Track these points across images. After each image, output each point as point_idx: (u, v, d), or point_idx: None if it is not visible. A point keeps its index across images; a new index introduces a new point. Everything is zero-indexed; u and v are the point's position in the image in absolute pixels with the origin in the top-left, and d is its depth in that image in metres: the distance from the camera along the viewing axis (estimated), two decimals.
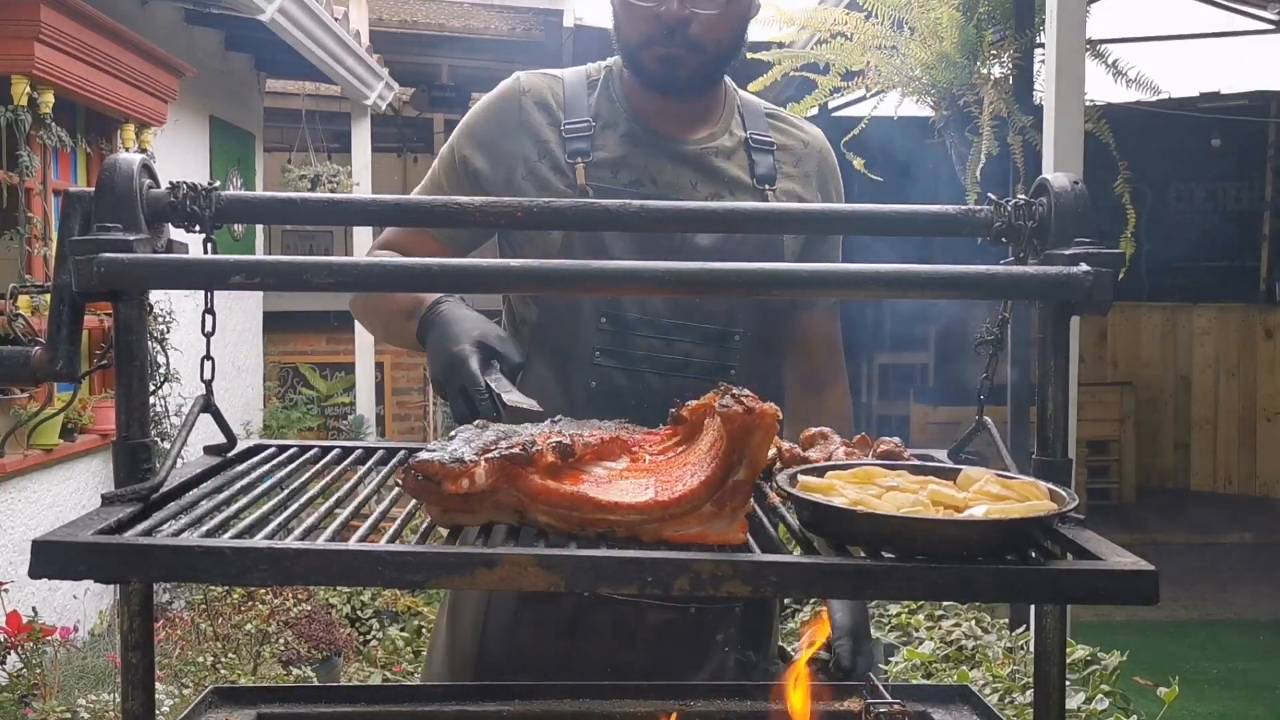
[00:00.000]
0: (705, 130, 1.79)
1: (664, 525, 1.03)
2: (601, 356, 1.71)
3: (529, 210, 1.22)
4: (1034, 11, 3.97)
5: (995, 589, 0.98)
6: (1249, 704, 5.00)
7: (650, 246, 1.63)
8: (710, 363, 1.72)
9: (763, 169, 1.78)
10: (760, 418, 1.01)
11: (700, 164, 1.76)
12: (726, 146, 1.79)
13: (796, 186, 1.81)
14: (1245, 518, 8.22)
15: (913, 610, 3.63)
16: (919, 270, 1.08)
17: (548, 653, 1.71)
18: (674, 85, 1.72)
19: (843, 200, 1.86)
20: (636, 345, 1.71)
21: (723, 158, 1.78)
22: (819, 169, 1.84)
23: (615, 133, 1.76)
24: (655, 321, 1.70)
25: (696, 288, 1.12)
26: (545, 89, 1.79)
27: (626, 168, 1.74)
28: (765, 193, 1.76)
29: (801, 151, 1.84)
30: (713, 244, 1.69)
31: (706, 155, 1.77)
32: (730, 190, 1.76)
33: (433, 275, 1.08)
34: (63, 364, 1.12)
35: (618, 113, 1.78)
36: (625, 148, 1.75)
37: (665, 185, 1.74)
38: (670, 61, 1.69)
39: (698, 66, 1.71)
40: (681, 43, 1.68)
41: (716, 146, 1.78)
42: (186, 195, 1.15)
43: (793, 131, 1.85)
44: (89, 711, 3.38)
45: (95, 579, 0.99)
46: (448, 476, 1.01)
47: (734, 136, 1.80)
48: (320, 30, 6.24)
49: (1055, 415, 1.15)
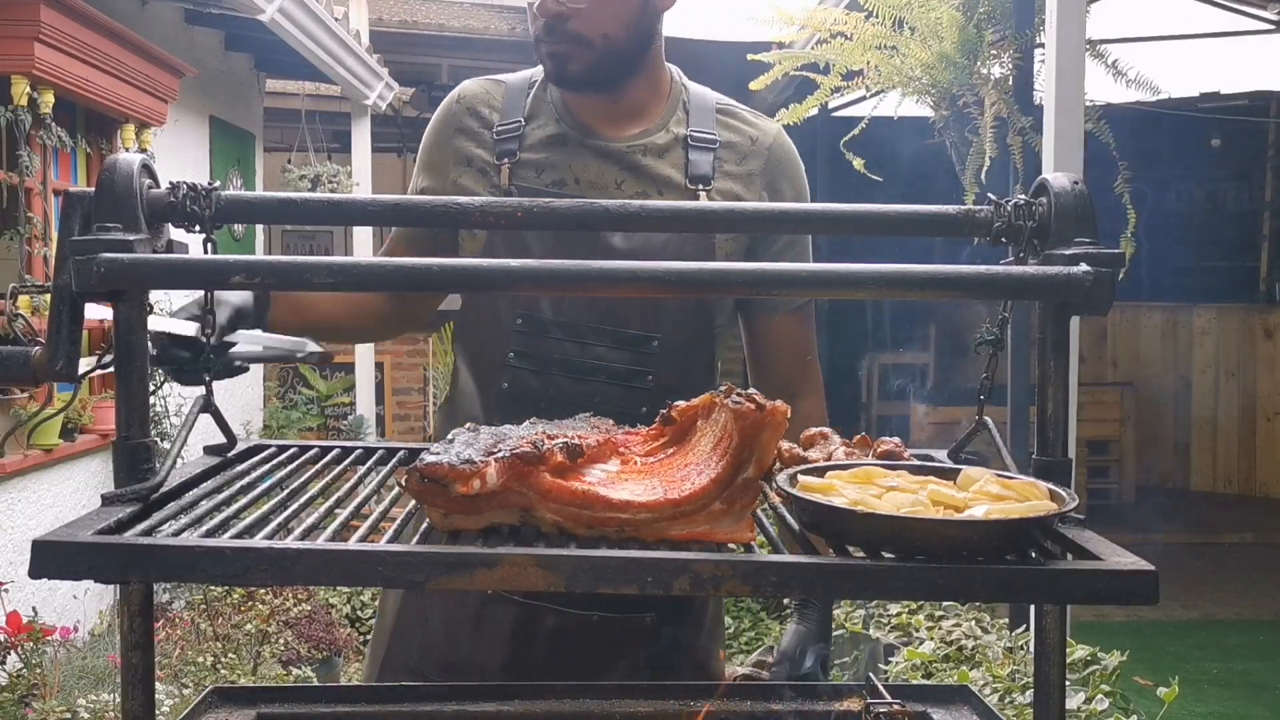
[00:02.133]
0: (638, 127, 1.75)
1: (671, 524, 1.03)
2: (515, 358, 1.69)
3: (529, 210, 1.22)
4: (1034, 11, 3.97)
5: (995, 589, 0.98)
6: (1249, 704, 5.01)
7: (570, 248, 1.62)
8: (626, 368, 1.68)
9: (699, 169, 1.72)
10: (771, 415, 1.01)
11: (626, 161, 1.72)
12: (659, 144, 1.74)
13: (736, 186, 1.74)
14: (1245, 518, 8.23)
15: (913, 610, 3.63)
16: (919, 270, 1.08)
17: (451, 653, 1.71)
18: (568, 81, 1.69)
19: (801, 197, 1.80)
20: (551, 348, 1.68)
21: (653, 155, 1.73)
22: (765, 167, 1.77)
23: (544, 132, 1.74)
24: (571, 324, 1.67)
25: (697, 287, 1.12)
26: (482, 95, 1.78)
27: (550, 168, 1.72)
28: (698, 193, 1.70)
29: (748, 149, 1.77)
30: (631, 246, 1.65)
31: (634, 153, 1.72)
32: (659, 189, 1.71)
33: (433, 275, 1.08)
34: (63, 364, 1.12)
35: (549, 112, 1.75)
36: (551, 147, 1.73)
37: (588, 184, 1.70)
38: (557, 58, 1.66)
39: (590, 62, 1.66)
40: (564, 38, 1.64)
41: (647, 144, 1.73)
42: (186, 195, 1.15)
43: (742, 128, 1.79)
44: (89, 711, 3.38)
45: (95, 579, 0.99)
46: (459, 478, 1.01)
47: (670, 134, 1.75)
48: (320, 30, 6.24)
49: (1055, 415, 1.15)
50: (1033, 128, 3.84)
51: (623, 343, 1.68)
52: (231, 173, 7.08)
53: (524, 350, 1.69)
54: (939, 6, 4.06)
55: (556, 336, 1.68)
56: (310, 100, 8.52)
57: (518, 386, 1.69)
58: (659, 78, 1.77)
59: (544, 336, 1.69)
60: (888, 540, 0.98)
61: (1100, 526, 1.10)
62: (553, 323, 1.68)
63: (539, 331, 1.69)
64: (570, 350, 1.68)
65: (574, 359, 1.68)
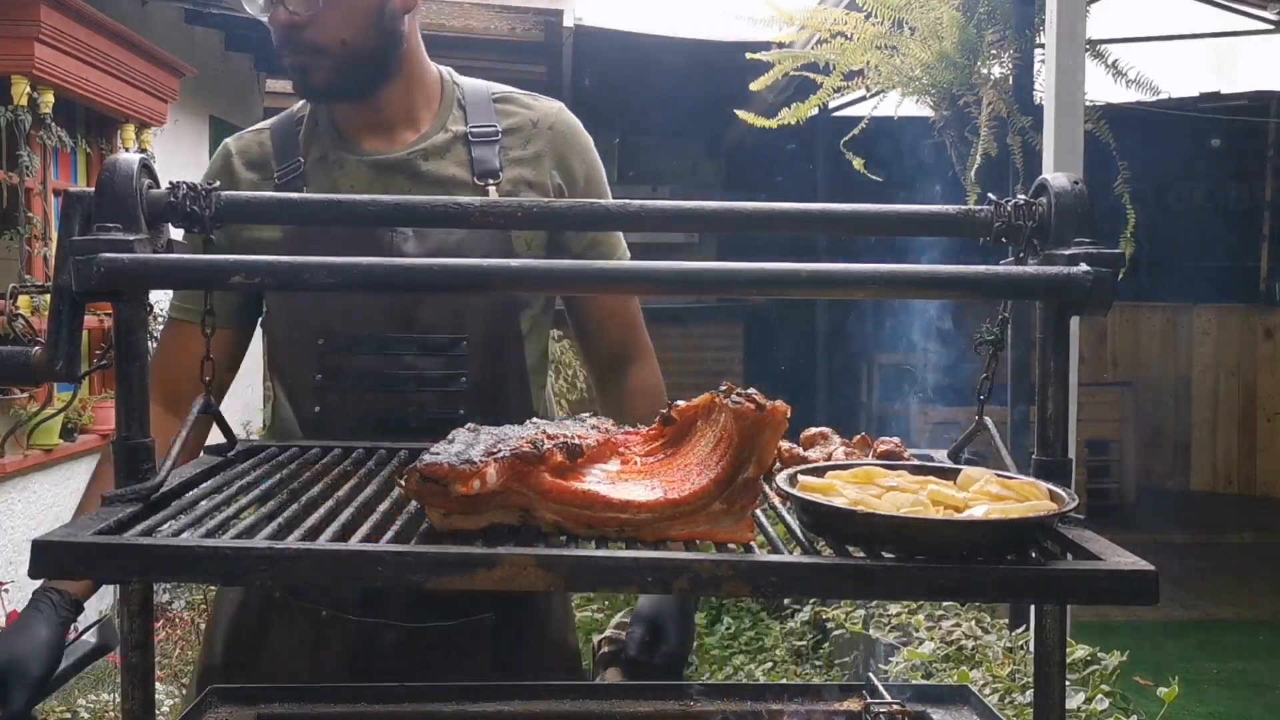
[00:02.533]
0: (414, 133, 1.72)
1: (671, 524, 1.03)
2: (322, 379, 1.65)
3: (529, 210, 1.22)
4: (1034, 11, 3.97)
5: (995, 589, 0.98)
6: (1249, 704, 5.00)
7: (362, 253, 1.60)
8: (438, 374, 1.65)
9: (485, 164, 1.69)
10: (771, 415, 1.01)
11: (409, 170, 1.69)
12: (439, 144, 1.71)
13: (526, 172, 1.72)
14: (1245, 518, 8.22)
15: (913, 610, 3.62)
16: (919, 270, 1.08)
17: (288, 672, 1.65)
18: (314, 92, 1.67)
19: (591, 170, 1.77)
20: (357, 365, 1.64)
21: (435, 159, 1.70)
22: (552, 145, 1.74)
23: (324, 164, 1.71)
24: (375, 336, 1.64)
25: (697, 287, 1.12)
26: (254, 145, 1.74)
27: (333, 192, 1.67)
28: (487, 189, 1.68)
29: (530, 132, 1.74)
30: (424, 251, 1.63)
31: (414, 160, 1.70)
32: (448, 190, 1.67)
33: (433, 275, 1.08)
34: (63, 364, 1.12)
35: (323, 139, 1.72)
36: (330, 171, 1.70)
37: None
38: (299, 70, 1.64)
39: (333, 70, 1.63)
40: (301, 48, 1.62)
41: (426, 148, 1.71)
42: (186, 195, 1.15)
43: (522, 112, 1.76)
44: (89, 711, 3.38)
45: (95, 579, 0.99)
46: (459, 478, 1.01)
47: (449, 132, 1.72)
48: None
49: (1055, 415, 1.15)
50: (1033, 127, 3.84)
51: (430, 349, 1.65)
52: None
53: (329, 370, 1.65)
54: (939, 6, 4.06)
55: (361, 352, 1.64)
56: None
57: (329, 408, 1.65)
58: (423, 80, 1.74)
59: (348, 353, 1.64)
60: (888, 540, 0.98)
61: (1100, 526, 1.10)
62: (354, 339, 1.64)
63: (341, 349, 1.64)
64: (377, 364, 1.64)
65: (382, 372, 1.64)
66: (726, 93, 5.19)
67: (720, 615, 4.98)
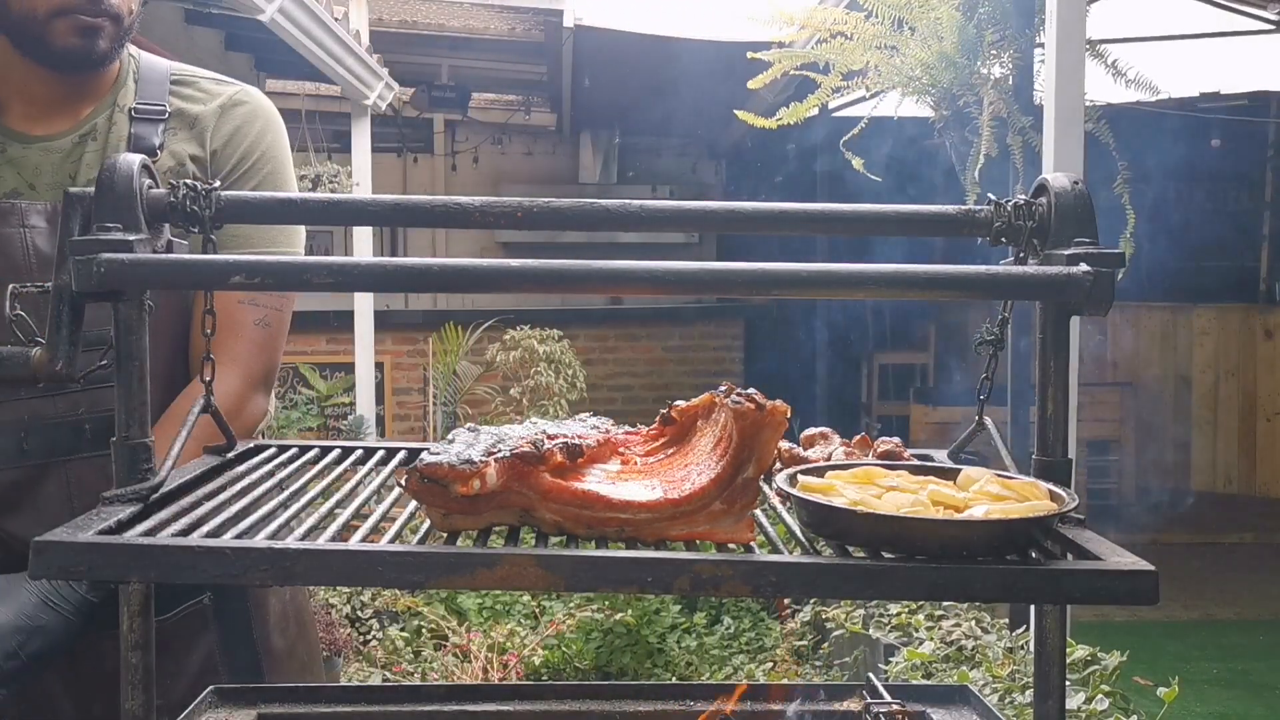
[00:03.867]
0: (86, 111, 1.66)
1: (671, 524, 1.03)
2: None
3: (529, 210, 1.22)
4: (1034, 11, 3.97)
5: (995, 589, 0.98)
6: (1249, 704, 5.01)
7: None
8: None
9: (142, 141, 1.64)
10: (771, 415, 1.01)
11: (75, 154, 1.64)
12: (101, 125, 1.66)
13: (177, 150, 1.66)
14: (1245, 518, 8.23)
15: (913, 610, 3.63)
16: (919, 270, 1.08)
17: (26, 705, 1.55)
18: (92, 59, 1.60)
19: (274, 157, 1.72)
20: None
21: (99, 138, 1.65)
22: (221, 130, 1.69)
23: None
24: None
25: (697, 287, 1.12)
26: None
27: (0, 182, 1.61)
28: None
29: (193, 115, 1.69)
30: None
31: (83, 143, 1.64)
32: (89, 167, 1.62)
33: (433, 275, 1.08)
34: (62, 364, 1.12)
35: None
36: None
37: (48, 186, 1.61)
38: (91, 33, 1.57)
39: (115, 36, 1.60)
40: (102, 11, 1.56)
41: (90, 128, 1.65)
42: (186, 195, 1.15)
43: (191, 95, 1.72)
44: None
45: (95, 579, 0.99)
46: (459, 478, 1.01)
47: (119, 107, 1.68)
48: (320, 30, 6.24)
49: (1055, 415, 1.15)
50: (1033, 127, 3.84)
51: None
52: None
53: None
54: (939, 6, 4.06)
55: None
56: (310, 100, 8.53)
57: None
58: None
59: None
60: (888, 540, 0.98)
61: (1100, 526, 1.10)
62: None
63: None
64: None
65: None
66: (726, 93, 5.19)
67: (720, 615, 4.98)
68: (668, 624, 4.77)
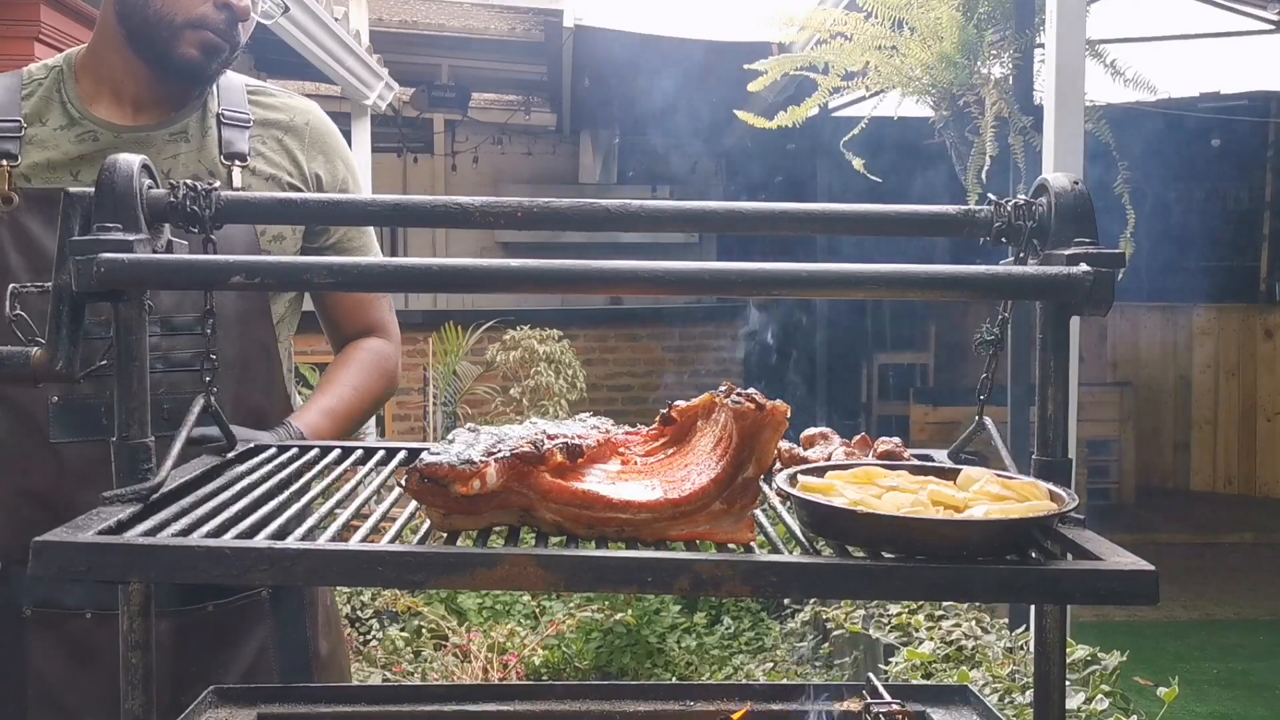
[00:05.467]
0: (175, 112, 1.74)
1: (671, 524, 1.03)
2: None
3: (529, 210, 1.22)
4: (1034, 11, 3.97)
5: (995, 589, 0.98)
6: (1249, 704, 5.00)
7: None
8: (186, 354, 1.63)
9: (232, 145, 1.73)
10: (771, 415, 1.01)
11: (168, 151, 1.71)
12: (193, 127, 1.74)
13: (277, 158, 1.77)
14: (1245, 518, 8.23)
15: (913, 610, 3.62)
16: (919, 270, 1.08)
17: (60, 678, 1.62)
18: (202, 74, 1.69)
19: (347, 167, 1.85)
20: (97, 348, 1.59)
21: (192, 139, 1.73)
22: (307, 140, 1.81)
23: (70, 133, 1.68)
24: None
25: (697, 287, 1.12)
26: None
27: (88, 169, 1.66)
28: (233, 169, 1.72)
29: (284, 124, 1.80)
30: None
31: (175, 141, 1.72)
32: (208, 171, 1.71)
33: (433, 275, 1.08)
34: (63, 364, 1.12)
35: (69, 113, 1.70)
36: (85, 146, 1.68)
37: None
38: (213, 50, 1.66)
39: (225, 62, 1.71)
40: (233, 35, 1.68)
41: (183, 128, 1.73)
42: (186, 195, 1.15)
43: (274, 104, 1.82)
44: None
45: (96, 579, 0.99)
46: (459, 478, 1.01)
47: (206, 111, 1.75)
48: (320, 30, 6.24)
49: (1055, 415, 1.15)
50: (1033, 127, 3.84)
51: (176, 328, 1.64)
52: None
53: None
54: (939, 6, 4.06)
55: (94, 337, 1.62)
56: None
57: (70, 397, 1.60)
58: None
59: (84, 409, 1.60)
60: (888, 540, 0.98)
61: (1100, 526, 1.10)
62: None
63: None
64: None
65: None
66: (726, 93, 5.19)
67: (720, 615, 4.98)
68: (668, 624, 4.77)
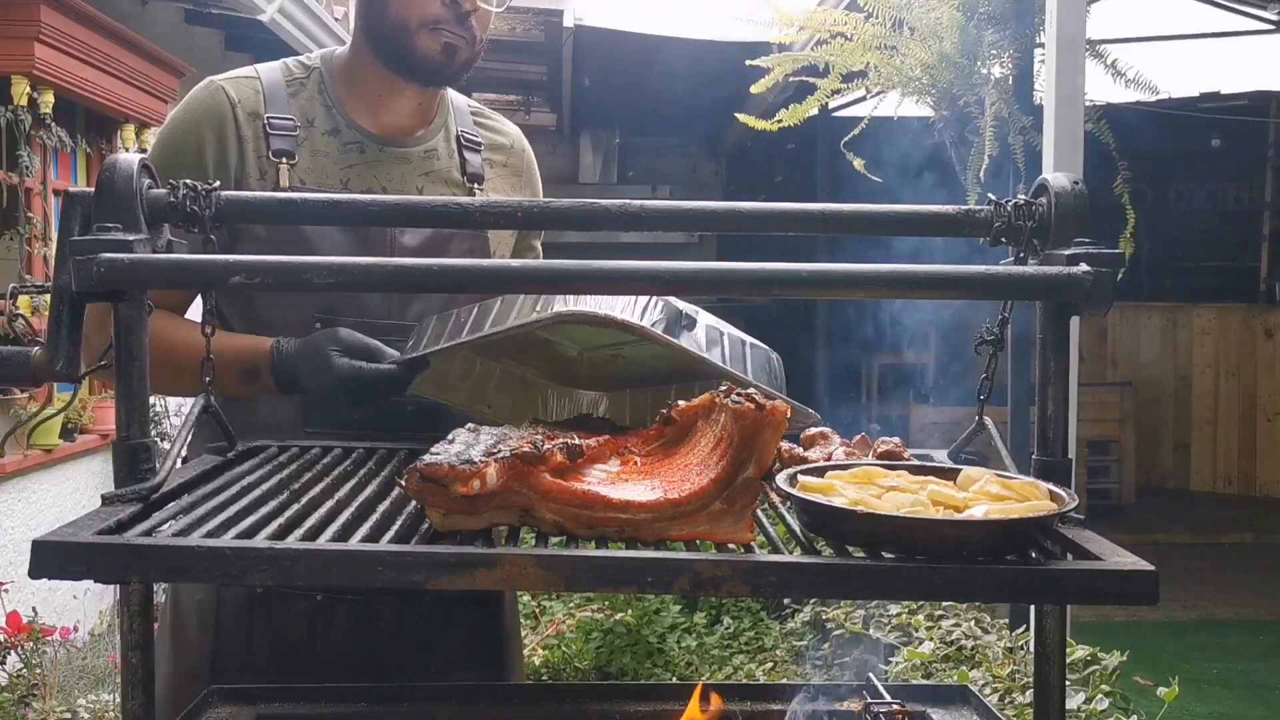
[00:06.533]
0: (422, 130, 1.78)
1: (671, 524, 1.03)
2: None
3: (529, 210, 1.22)
4: (1034, 11, 3.97)
5: (995, 589, 0.98)
6: (1249, 704, 5.00)
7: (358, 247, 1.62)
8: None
9: (472, 167, 1.80)
10: (771, 415, 1.01)
11: (423, 168, 1.76)
12: (441, 147, 1.79)
13: (504, 183, 1.83)
14: (1245, 518, 8.23)
15: (913, 610, 3.62)
16: (919, 270, 1.08)
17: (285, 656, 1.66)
18: (443, 75, 1.72)
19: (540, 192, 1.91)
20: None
21: (441, 158, 1.78)
22: (525, 165, 1.89)
23: (337, 140, 1.72)
24: (370, 322, 1.64)
25: (697, 287, 1.12)
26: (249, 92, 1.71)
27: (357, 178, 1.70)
28: (474, 190, 1.77)
29: (507, 148, 1.87)
30: (420, 243, 1.68)
31: (429, 158, 1.77)
32: (451, 190, 1.77)
33: (433, 275, 1.08)
34: (63, 364, 1.12)
35: (334, 119, 1.73)
36: (351, 155, 1.72)
37: (396, 194, 1.71)
38: (451, 49, 1.68)
39: (467, 59, 1.71)
40: (465, 31, 1.68)
41: (434, 146, 1.78)
42: (186, 195, 1.15)
43: (497, 128, 1.88)
44: (89, 711, 3.38)
45: (95, 579, 0.99)
46: (459, 478, 1.01)
47: (448, 133, 1.81)
48: (320, 30, 6.23)
49: (1055, 415, 1.15)
50: (1033, 127, 3.84)
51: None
52: None
53: None
54: (939, 6, 4.06)
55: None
56: None
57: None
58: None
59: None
60: (888, 540, 0.98)
61: (1100, 526, 1.10)
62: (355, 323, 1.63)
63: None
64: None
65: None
66: (727, 93, 5.20)
67: (720, 615, 4.98)
68: (668, 624, 4.76)
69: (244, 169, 1.67)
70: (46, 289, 1.15)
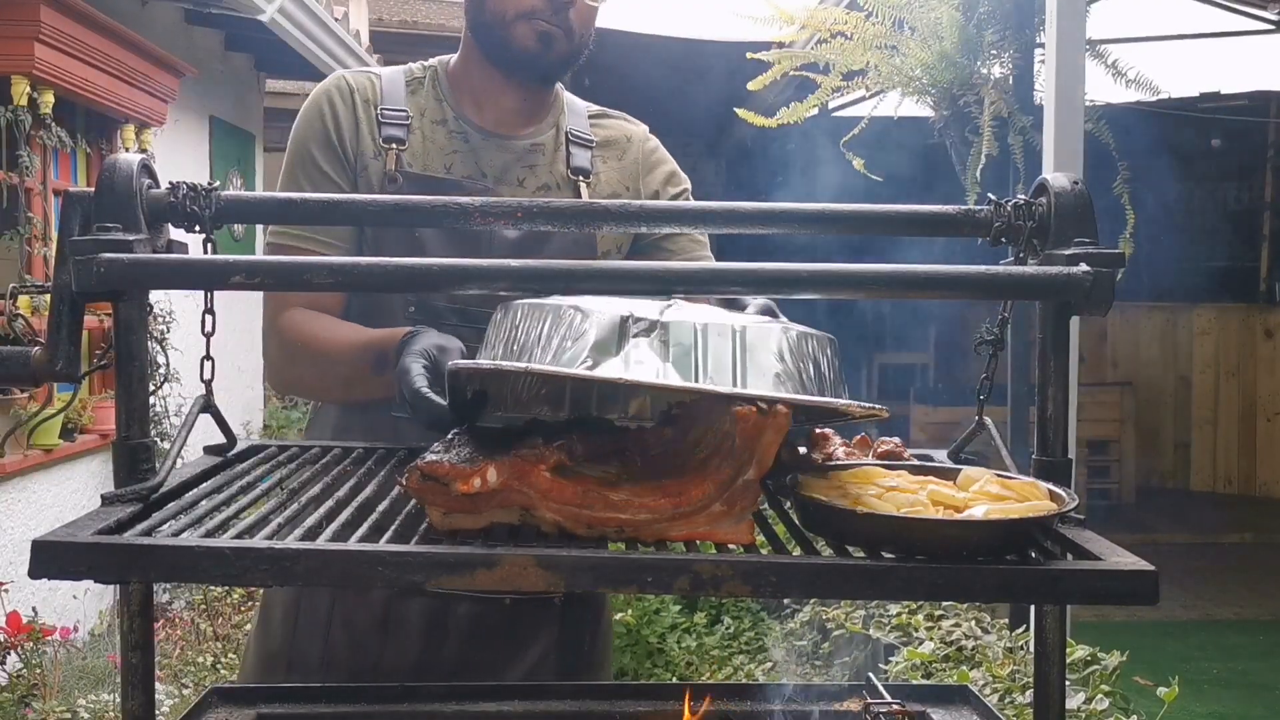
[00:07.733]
0: (531, 127, 1.81)
1: (671, 525, 1.03)
2: None
3: (529, 210, 1.22)
4: (1034, 11, 3.97)
5: (995, 589, 0.98)
6: (1249, 704, 5.01)
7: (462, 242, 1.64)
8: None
9: (578, 161, 1.81)
10: (773, 417, 1.01)
11: (527, 160, 1.78)
12: (548, 142, 1.81)
13: (612, 176, 1.84)
14: (1245, 518, 8.23)
15: (913, 610, 3.62)
16: (919, 270, 1.08)
17: (361, 650, 1.69)
18: (540, 66, 1.73)
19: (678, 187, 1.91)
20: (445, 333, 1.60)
21: (546, 153, 1.80)
22: (638, 157, 1.88)
23: (444, 129, 1.76)
24: (464, 310, 1.66)
25: (697, 287, 1.12)
26: (367, 85, 1.78)
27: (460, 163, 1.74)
28: (578, 183, 1.79)
29: (622, 143, 1.87)
30: (519, 236, 1.69)
31: (534, 152, 1.79)
32: (556, 184, 1.79)
33: (433, 275, 1.08)
34: (63, 364, 1.12)
35: (445, 111, 1.78)
36: (456, 143, 1.75)
37: (495, 180, 1.75)
38: (547, 39, 1.70)
39: (565, 52, 1.73)
40: (561, 21, 1.70)
41: (541, 141, 1.80)
42: (186, 195, 1.15)
43: (615, 126, 1.89)
44: (89, 711, 3.38)
45: (95, 579, 0.99)
46: (459, 476, 1.01)
47: (559, 130, 1.83)
48: (320, 30, 6.24)
49: (1055, 415, 1.15)
50: (1033, 127, 3.84)
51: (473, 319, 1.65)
52: (231, 173, 7.07)
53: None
54: (939, 6, 4.06)
55: (449, 322, 1.65)
56: None
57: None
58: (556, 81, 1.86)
59: (437, 323, 1.63)
60: (888, 540, 0.98)
61: (1100, 526, 1.10)
62: (446, 308, 1.67)
63: (433, 318, 1.65)
64: (466, 335, 1.59)
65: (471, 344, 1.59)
66: (727, 92, 5.19)
67: (720, 615, 4.98)
68: (668, 624, 4.76)
69: (359, 144, 1.73)
70: (46, 289, 1.15)
